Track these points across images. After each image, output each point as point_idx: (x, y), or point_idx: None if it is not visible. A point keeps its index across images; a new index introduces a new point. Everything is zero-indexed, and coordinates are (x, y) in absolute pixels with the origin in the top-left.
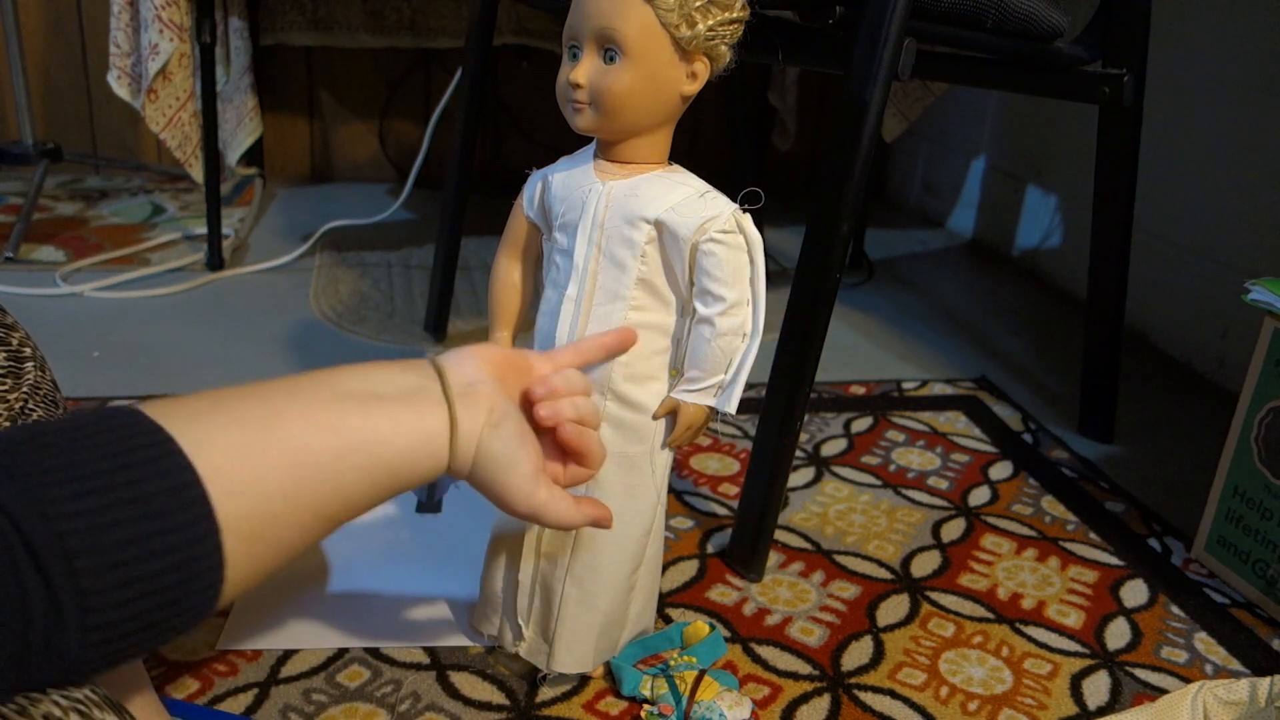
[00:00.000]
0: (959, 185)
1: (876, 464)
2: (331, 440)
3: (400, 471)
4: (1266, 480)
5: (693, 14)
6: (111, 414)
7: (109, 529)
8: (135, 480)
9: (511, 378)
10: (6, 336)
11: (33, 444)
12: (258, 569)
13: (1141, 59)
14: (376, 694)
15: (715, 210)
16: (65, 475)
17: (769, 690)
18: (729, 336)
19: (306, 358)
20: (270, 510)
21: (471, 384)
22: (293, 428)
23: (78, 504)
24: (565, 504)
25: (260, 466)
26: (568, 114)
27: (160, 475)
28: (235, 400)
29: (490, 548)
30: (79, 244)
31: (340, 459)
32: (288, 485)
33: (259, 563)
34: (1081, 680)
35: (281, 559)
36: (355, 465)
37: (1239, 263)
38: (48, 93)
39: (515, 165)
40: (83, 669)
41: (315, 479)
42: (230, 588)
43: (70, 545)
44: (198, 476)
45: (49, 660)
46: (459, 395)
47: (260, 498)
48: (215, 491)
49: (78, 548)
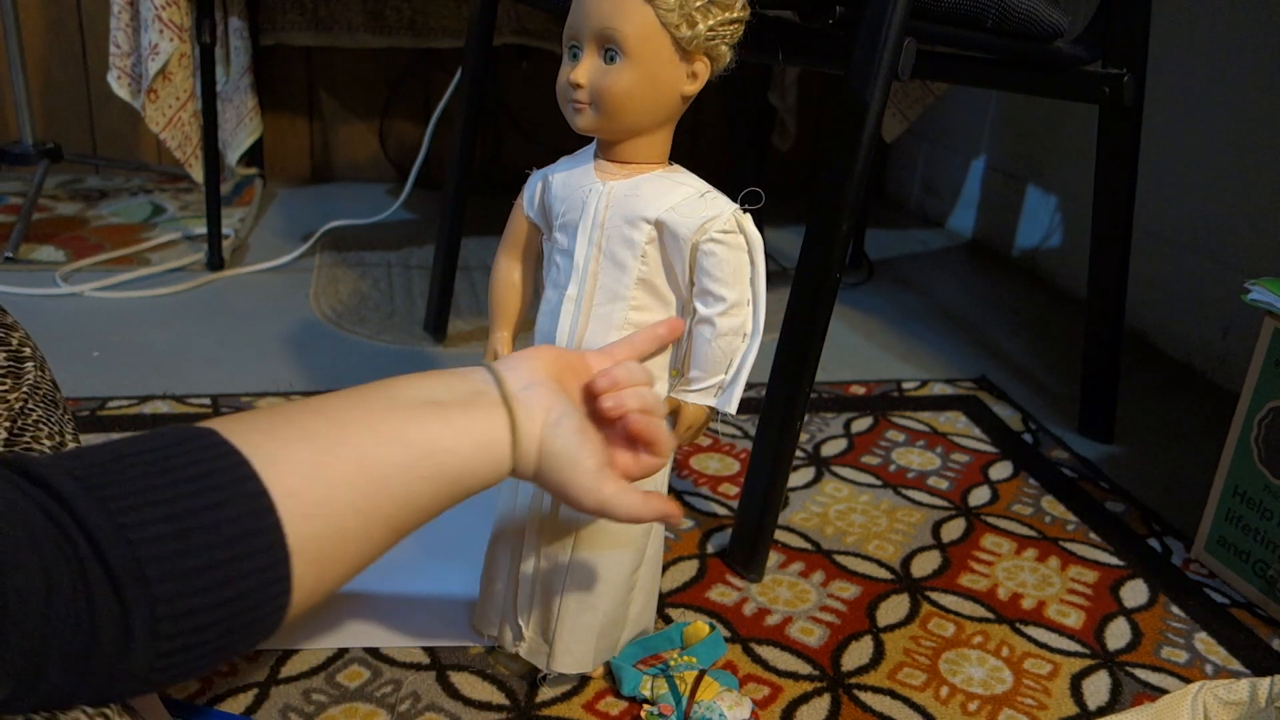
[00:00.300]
0: (959, 185)
1: (876, 464)
2: (397, 452)
3: (463, 478)
4: (1266, 480)
5: (693, 14)
6: (188, 435)
7: (186, 555)
8: (213, 505)
9: (568, 377)
10: (6, 336)
11: (116, 464)
12: (325, 585)
13: (1141, 59)
14: (376, 694)
15: (716, 210)
16: (146, 498)
17: (769, 690)
18: (729, 336)
19: (306, 358)
20: (340, 527)
21: (528, 386)
22: (359, 442)
23: (158, 528)
24: (634, 497)
25: (330, 485)
26: (568, 114)
27: (236, 501)
28: (302, 415)
29: (490, 548)
30: (79, 244)
31: (407, 470)
32: (357, 500)
33: (325, 580)
34: (1081, 680)
35: (348, 573)
36: (421, 475)
37: (1239, 263)
38: (48, 93)
39: (515, 165)
40: (149, 686)
41: (383, 492)
42: (296, 608)
43: (149, 571)
44: (272, 503)
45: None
46: (516, 398)
47: (331, 517)
48: (288, 515)
49: (156, 574)
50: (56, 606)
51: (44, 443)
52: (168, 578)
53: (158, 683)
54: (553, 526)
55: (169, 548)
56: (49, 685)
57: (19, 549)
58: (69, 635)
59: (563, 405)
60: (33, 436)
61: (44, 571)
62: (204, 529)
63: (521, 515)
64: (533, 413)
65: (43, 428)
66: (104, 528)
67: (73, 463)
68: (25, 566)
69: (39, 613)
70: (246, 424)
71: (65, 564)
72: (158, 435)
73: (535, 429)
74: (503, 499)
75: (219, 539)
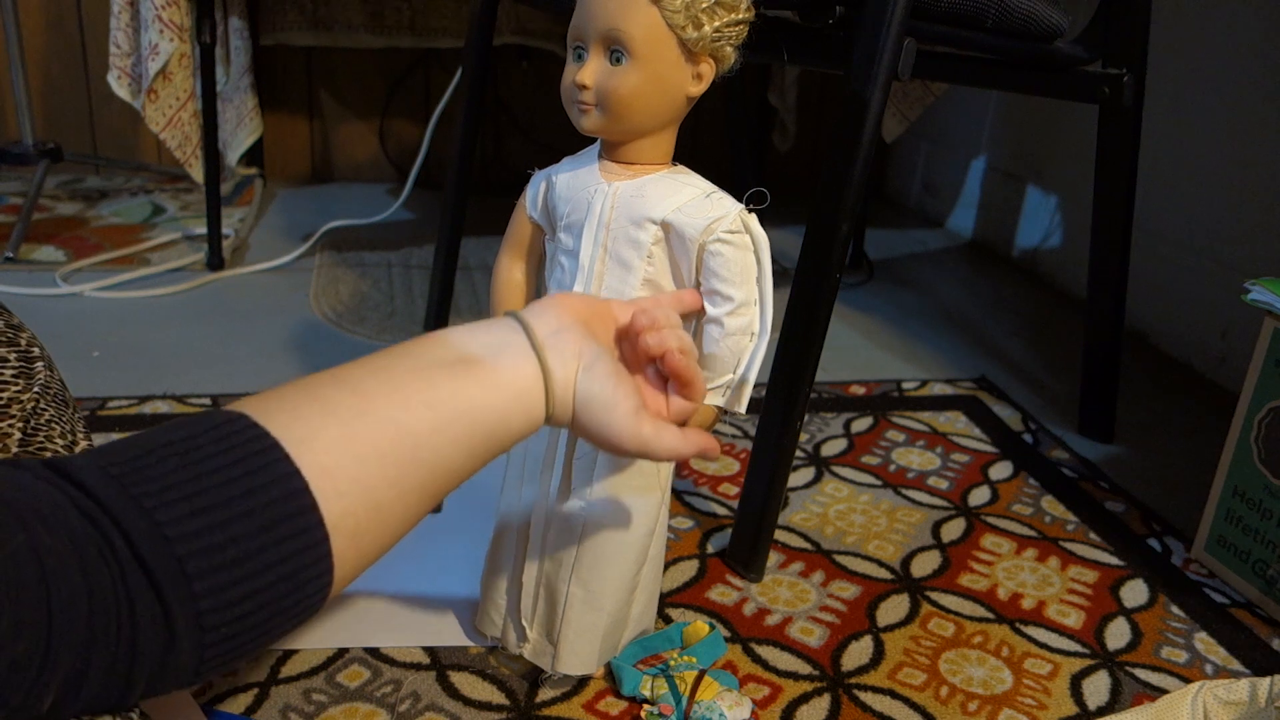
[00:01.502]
0: (959, 185)
1: (876, 464)
2: (427, 416)
3: (496, 433)
4: (1266, 480)
5: (699, 15)
6: (218, 421)
7: (225, 547)
8: (247, 492)
9: (595, 322)
10: (15, 337)
11: (148, 458)
12: (366, 558)
13: (1141, 59)
14: (376, 694)
15: (722, 210)
16: (181, 492)
17: (769, 690)
18: (737, 336)
19: (306, 358)
20: (375, 500)
21: (557, 331)
22: (387, 411)
23: (195, 522)
24: (672, 434)
25: (362, 459)
26: (573, 115)
27: (269, 485)
28: (326, 388)
29: (492, 548)
30: (79, 244)
31: (438, 432)
32: (390, 471)
33: (365, 553)
34: (1081, 680)
35: (388, 543)
36: (452, 438)
37: (1239, 263)
38: (48, 93)
39: (515, 165)
40: (197, 679)
41: (415, 459)
42: (339, 583)
43: (189, 568)
44: (305, 484)
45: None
46: (546, 343)
47: (365, 490)
48: (322, 495)
49: (196, 569)
50: (99, 612)
51: (56, 442)
52: (208, 572)
53: (206, 674)
54: (556, 528)
55: (207, 541)
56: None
57: (63, 558)
58: (112, 639)
59: (594, 349)
60: (46, 436)
61: (85, 577)
62: (241, 517)
63: (524, 516)
64: (565, 358)
65: (55, 427)
66: (141, 527)
67: (107, 459)
68: (69, 576)
69: (83, 620)
70: (274, 404)
71: (105, 567)
72: (187, 424)
73: (569, 374)
74: (504, 500)
75: (256, 525)
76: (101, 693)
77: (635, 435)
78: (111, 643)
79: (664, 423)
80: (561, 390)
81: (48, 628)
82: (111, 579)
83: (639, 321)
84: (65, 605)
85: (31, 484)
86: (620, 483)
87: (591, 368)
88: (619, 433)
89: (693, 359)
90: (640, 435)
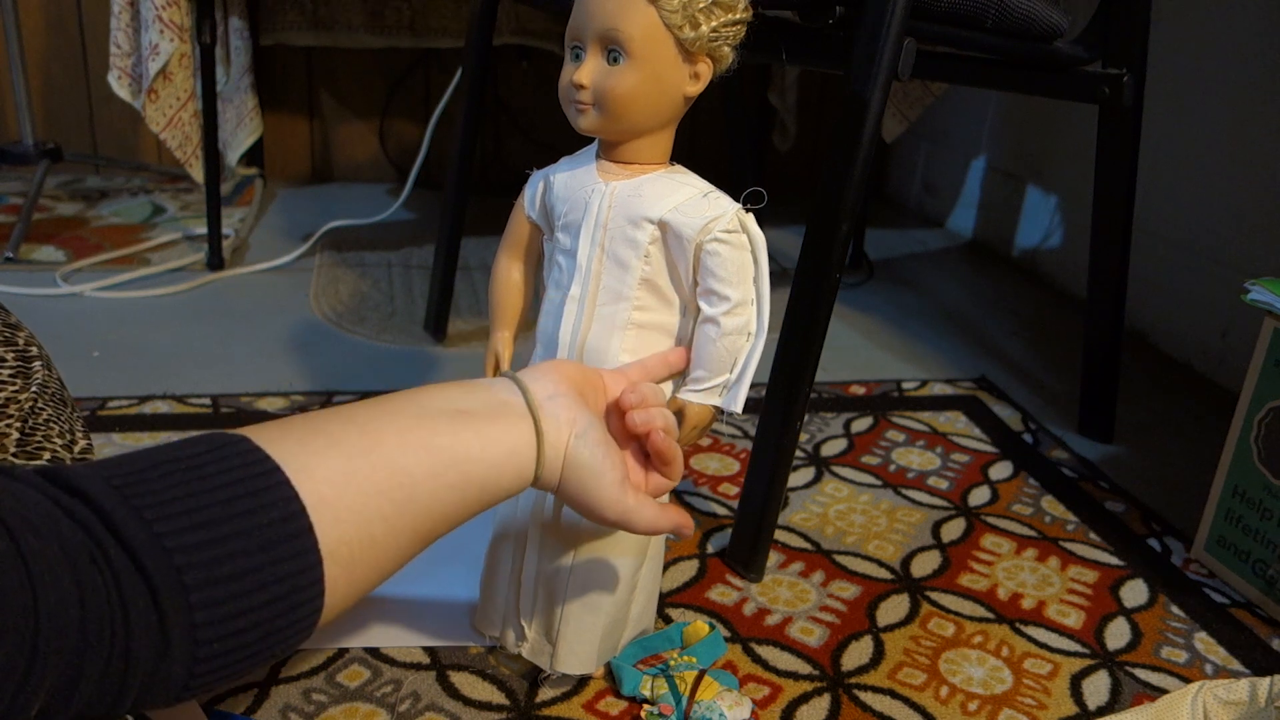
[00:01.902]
0: (959, 185)
1: (876, 464)
2: (425, 460)
3: (488, 487)
4: (1266, 480)
5: (697, 15)
6: (222, 442)
7: (223, 562)
8: (247, 511)
9: (588, 391)
10: (13, 336)
11: (152, 472)
12: (355, 591)
13: (1141, 59)
14: (376, 694)
15: (719, 210)
16: (182, 506)
17: (769, 690)
18: (734, 336)
19: (306, 358)
20: (370, 533)
21: (553, 396)
22: (389, 450)
23: (194, 535)
24: (653, 508)
25: (361, 492)
26: (571, 115)
27: (270, 507)
28: (331, 424)
29: (491, 548)
30: (79, 244)
31: (434, 478)
32: (386, 508)
33: (356, 585)
34: (1081, 680)
35: (376, 579)
36: (448, 484)
37: (1239, 263)
38: (48, 92)
39: (515, 165)
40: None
41: (411, 500)
42: (329, 611)
43: (187, 579)
44: (303, 507)
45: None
46: (543, 408)
47: (361, 523)
48: (320, 521)
49: (193, 581)
50: (91, 618)
51: (54, 441)
52: (205, 584)
53: (196, 689)
54: (555, 528)
55: (206, 555)
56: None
57: (52, 564)
58: (105, 646)
59: (587, 417)
60: (44, 436)
61: (77, 584)
62: (239, 535)
63: (523, 517)
64: (559, 423)
65: (53, 426)
66: (141, 537)
67: (109, 471)
68: (59, 582)
69: (74, 626)
70: (278, 432)
71: (99, 574)
72: (191, 443)
73: (561, 439)
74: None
75: (254, 544)
76: (94, 700)
77: (618, 505)
78: (105, 649)
79: (645, 497)
80: (552, 453)
81: (34, 633)
82: (105, 585)
83: (626, 399)
84: (54, 611)
85: (21, 491)
86: None
87: (583, 435)
88: (603, 500)
89: (674, 439)
90: (623, 506)
